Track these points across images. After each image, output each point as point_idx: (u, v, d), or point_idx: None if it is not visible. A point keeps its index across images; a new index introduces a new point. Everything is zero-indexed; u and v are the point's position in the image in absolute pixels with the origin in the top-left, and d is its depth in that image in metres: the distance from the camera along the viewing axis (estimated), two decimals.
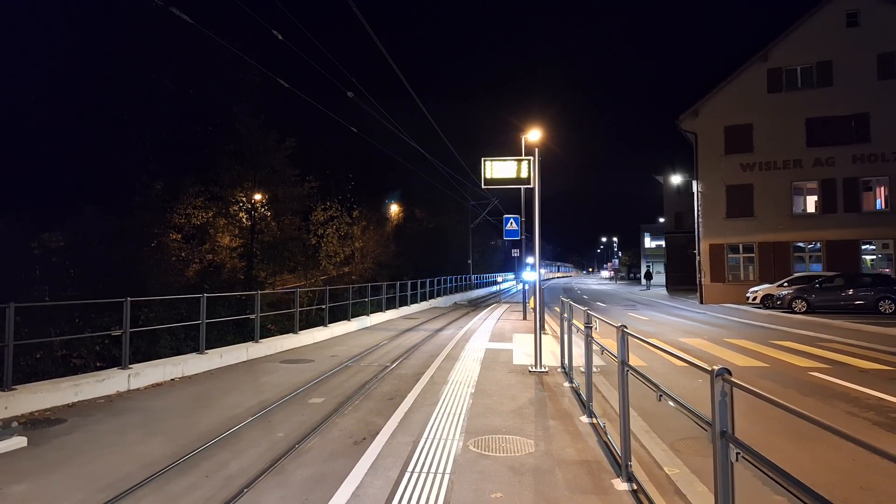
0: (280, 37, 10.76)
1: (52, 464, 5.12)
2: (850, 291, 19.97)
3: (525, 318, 19.19)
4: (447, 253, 48.75)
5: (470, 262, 45.46)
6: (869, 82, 25.31)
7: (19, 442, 5.50)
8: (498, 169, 9.63)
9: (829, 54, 26.00)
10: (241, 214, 26.83)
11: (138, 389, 8.21)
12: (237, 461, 5.11)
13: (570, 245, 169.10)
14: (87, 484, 4.60)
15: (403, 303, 23.62)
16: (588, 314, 6.49)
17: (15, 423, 5.86)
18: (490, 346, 12.35)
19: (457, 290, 36.42)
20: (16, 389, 6.77)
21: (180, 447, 5.49)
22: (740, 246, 27.46)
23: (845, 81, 25.69)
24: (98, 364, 13.35)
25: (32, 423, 6.31)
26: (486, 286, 49.79)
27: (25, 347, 11.90)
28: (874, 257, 25.76)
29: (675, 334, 14.76)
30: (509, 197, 39.98)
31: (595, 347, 6.30)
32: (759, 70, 27.29)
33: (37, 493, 4.45)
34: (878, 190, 25.82)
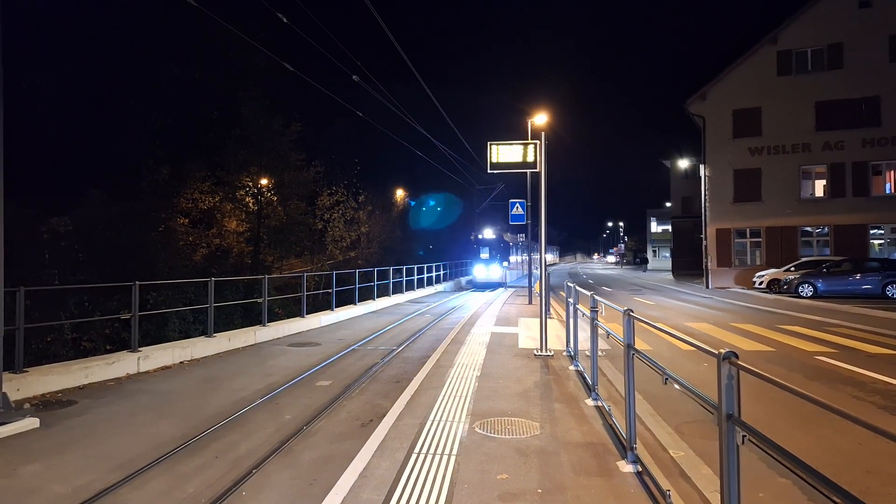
0: (285, 20, 10.68)
1: (64, 444, 5.20)
2: (858, 276, 19.88)
3: (530, 302, 19.21)
4: (453, 238, 48.75)
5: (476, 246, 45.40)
6: (880, 65, 24.91)
7: (31, 423, 5.58)
8: (504, 153, 9.58)
9: (840, 36, 25.57)
10: (247, 199, 26.82)
11: (147, 372, 8.30)
12: (246, 442, 5.17)
13: (576, 230, 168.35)
14: (98, 464, 4.68)
15: (409, 287, 23.71)
16: (594, 298, 6.49)
17: (27, 405, 5.95)
18: (496, 329, 12.38)
19: (462, 275, 36.48)
20: (27, 372, 6.86)
21: (190, 429, 5.56)
22: (747, 230, 27.32)
23: (856, 64, 25.30)
24: (108, 347, 13.45)
25: (44, 405, 6.40)
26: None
27: (36, 331, 12.00)
28: (882, 242, 25.59)
29: (681, 319, 14.76)
30: (514, 183, 39.84)
31: (601, 331, 6.31)
32: (769, 53, 26.90)
33: (49, 472, 4.53)
34: (887, 174, 25.58)
